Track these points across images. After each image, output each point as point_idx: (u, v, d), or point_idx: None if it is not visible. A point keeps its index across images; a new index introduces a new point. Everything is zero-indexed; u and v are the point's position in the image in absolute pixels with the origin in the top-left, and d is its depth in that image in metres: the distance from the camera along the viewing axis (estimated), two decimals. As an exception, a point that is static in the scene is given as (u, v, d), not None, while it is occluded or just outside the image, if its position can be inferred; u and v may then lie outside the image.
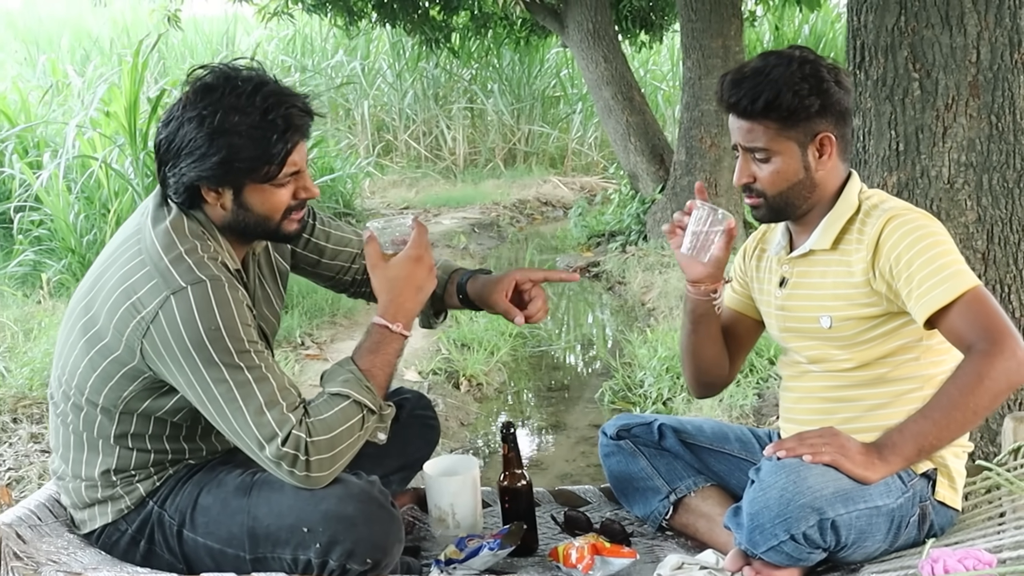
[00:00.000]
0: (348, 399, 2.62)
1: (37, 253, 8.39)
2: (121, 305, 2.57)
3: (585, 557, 2.81)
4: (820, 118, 2.75)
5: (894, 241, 2.68)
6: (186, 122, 2.56)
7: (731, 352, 3.18)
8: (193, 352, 2.50)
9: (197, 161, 2.55)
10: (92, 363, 2.65)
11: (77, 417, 2.73)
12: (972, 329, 2.57)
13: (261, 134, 2.54)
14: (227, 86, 2.56)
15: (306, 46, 18.50)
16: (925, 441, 2.58)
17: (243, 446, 2.56)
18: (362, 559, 2.54)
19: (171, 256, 2.56)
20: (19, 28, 20.57)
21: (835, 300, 2.81)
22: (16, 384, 5.77)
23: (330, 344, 7.47)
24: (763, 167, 2.79)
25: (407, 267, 2.76)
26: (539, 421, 6.58)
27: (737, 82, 2.76)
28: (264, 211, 2.65)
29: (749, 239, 3.19)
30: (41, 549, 2.73)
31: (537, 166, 17.42)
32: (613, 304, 9.46)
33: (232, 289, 2.56)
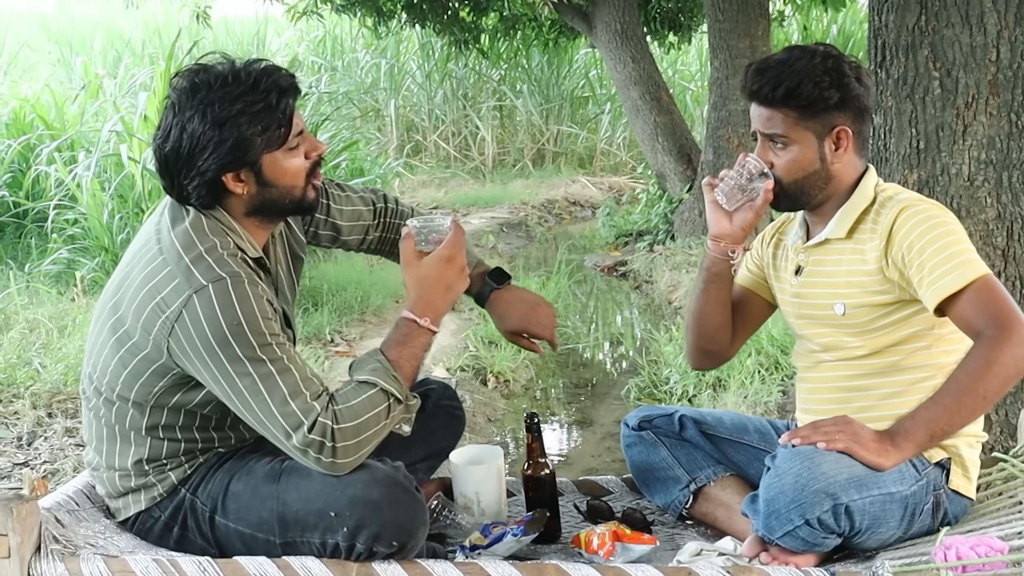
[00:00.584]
0: (375, 387, 2.68)
1: (71, 251, 8.47)
2: (147, 305, 2.64)
3: (606, 543, 2.87)
4: (838, 111, 2.83)
5: (907, 230, 2.75)
6: (187, 123, 2.63)
7: (736, 328, 3.23)
8: (217, 349, 2.57)
9: (213, 153, 2.63)
10: (123, 361, 2.72)
11: (109, 411, 2.81)
12: (981, 316, 2.63)
13: (261, 104, 2.63)
14: (209, 80, 2.65)
15: (336, 47, 18.59)
16: (936, 427, 2.64)
17: (271, 436, 2.63)
18: (388, 542, 2.61)
19: (191, 255, 2.63)
20: (52, 30, 20.74)
21: (849, 288, 2.88)
22: (51, 379, 5.86)
23: (359, 341, 7.54)
24: (780, 155, 2.87)
25: (438, 266, 2.81)
26: (566, 417, 6.64)
27: (761, 71, 2.85)
28: (286, 181, 2.73)
29: (768, 227, 3.26)
30: (79, 533, 2.82)
31: (566, 166, 17.46)
32: (640, 303, 9.51)
33: (252, 284, 2.63)
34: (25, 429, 5.35)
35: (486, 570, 2.58)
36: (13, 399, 5.67)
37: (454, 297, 2.86)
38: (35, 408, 5.57)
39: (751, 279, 3.25)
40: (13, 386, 5.80)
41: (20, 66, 17.60)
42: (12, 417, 5.49)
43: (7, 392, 5.75)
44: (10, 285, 7.42)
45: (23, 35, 20.03)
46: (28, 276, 7.99)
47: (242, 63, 2.69)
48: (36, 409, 5.57)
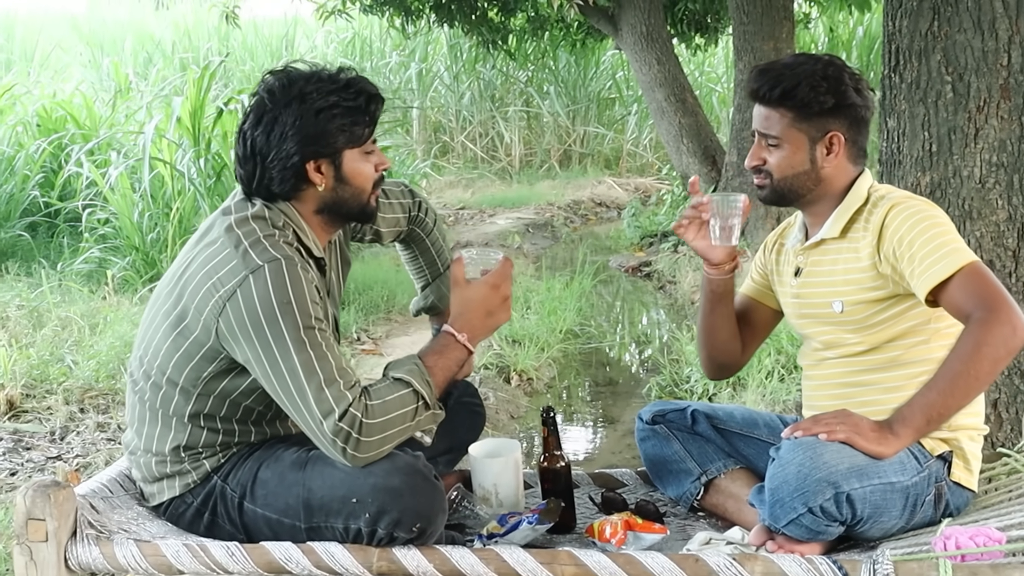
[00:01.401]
0: (409, 387, 2.79)
1: (102, 251, 8.58)
2: (203, 286, 2.77)
3: (618, 532, 2.95)
4: (833, 117, 2.95)
5: (896, 225, 2.86)
6: (282, 110, 2.80)
7: (746, 339, 3.35)
8: (265, 326, 2.68)
9: (302, 140, 2.80)
10: (175, 344, 2.85)
11: (155, 395, 2.92)
12: (970, 299, 2.72)
13: (352, 103, 2.82)
14: (305, 75, 2.85)
15: (364, 48, 18.67)
16: (933, 411, 2.72)
17: (301, 420, 2.72)
18: (408, 527, 2.71)
19: (250, 240, 2.78)
20: (83, 31, 20.90)
21: (845, 285, 2.97)
22: (83, 376, 5.97)
23: (385, 340, 7.62)
24: (773, 152, 3.00)
25: (483, 291, 2.94)
26: (587, 415, 6.72)
27: (763, 71, 2.99)
28: (359, 183, 2.90)
29: (770, 235, 3.36)
30: (112, 519, 2.93)
31: (592, 167, 17.47)
32: (663, 303, 9.57)
33: (304, 270, 2.76)
34: (58, 424, 5.46)
35: (501, 555, 2.68)
36: (46, 395, 5.79)
37: (493, 324, 2.98)
38: (67, 403, 5.69)
39: (756, 289, 3.37)
40: (46, 382, 5.91)
41: (52, 67, 17.77)
42: (45, 412, 5.60)
43: (40, 388, 5.86)
44: (43, 283, 7.54)
45: (55, 36, 20.22)
46: (60, 275, 8.10)
47: (334, 67, 2.90)
48: (68, 404, 5.68)
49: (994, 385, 4.00)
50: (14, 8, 21.86)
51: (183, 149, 8.89)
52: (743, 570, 2.57)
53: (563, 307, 8.15)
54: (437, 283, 3.50)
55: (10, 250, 9.06)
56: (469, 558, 2.70)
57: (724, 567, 2.58)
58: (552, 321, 7.80)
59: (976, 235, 4.00)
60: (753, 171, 3.08)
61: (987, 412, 4.01)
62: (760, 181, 3.07)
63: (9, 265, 8.55)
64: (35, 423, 5.48)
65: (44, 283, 7.53)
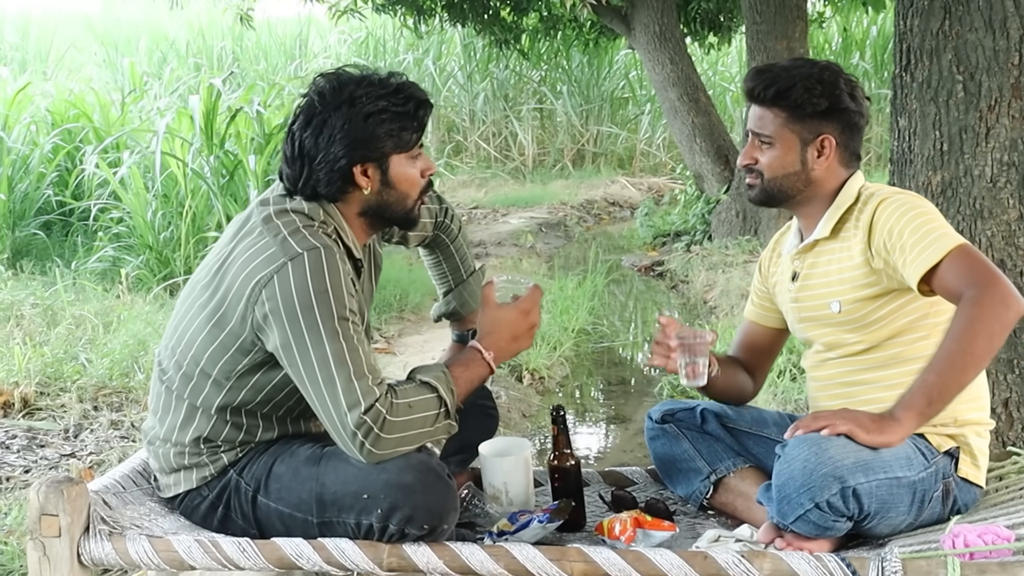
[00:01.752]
0: (435, 392, 2.82)
1: (116, 249, 8.62)
2: (240, 275, 2.79)
3: (628, 529, 2.96)
4: (825, 120, 2.99)
5: (885, 218, 2.89)
6: (332, 113, 2.82)
7: (756, 365, 3.43)
8: (299, 314, 2.70)
9: (351, 142, 2.82)
10: (211, 336, 2.87)
11: (184, 385, 2.94)
12: (960, 279, 2.74)
13: (401, 108, 2.84)
14: (355, 79, 2.87)
15: (378, 48, 18.72)
16: (933, 392, 2.72)
17: (324, 411, 2.73)
18: (419, 525, 2.73)
19: (290, 230, 2.80)
20: (98, 31, 20.97)
21: (841, 285, 3.00)
22: (97, 374, 5.98)
23: (398, 338, 7.65)
24: (765, 152, 3.04)
25: (513, 315, 3.00)
26: (599, 414, 6.74)
27: (760, 72, 3.05)
28: (404, 187, 2.93)
29: (765, 250, 3.41)
30: (125, 515, 2.95)
31: (605, 167, 17.50)
32: (675, 302, 9.58)
33: (342, 261, 2.78)
34: (72, 422, 5.48)
35: (511, 552, 2.70)
36: (60, 393, 5.81)
37: (517, 348, 3.04)
38: (81, 401, 5.70)
39: (758, 312, 3.41)
40: (60, 380, 5.93)
41: (67, 66, 17.83)
42: (59, 410, 5.63)
43: (54, 386, 5.88)
44: (57, 282, 7.57)
45: (69, 36, 20.28)
46: (75, 273, 8.13)
47: (384, 72, 2.92)
48: (82, 403, 5.70)
49: (1005, 384, 4.00)
50: (28, 8, 21.96)
51: (196, 148, 8.91)
52: (751, 567, 2.58)
53: (575, 306, 8.16)
54: (459, 289, 3.52)
55: (25, 249, 9.11)
56: (479, 554, 2.71)
57: (732, 564, 2.59)
58: (564, 320, 7.81)
59: (987, 234, 4.00)
60: (745, 170, 3.13)
61: (999, 411, 4.02)
62: (751, 180, 3.11)
63: (24, 264, 8.59)
64: (49, 421, 5.50)
65: (58, 282, 7.56)
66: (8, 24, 21.56)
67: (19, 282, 7.96)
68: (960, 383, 2.74)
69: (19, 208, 9.44)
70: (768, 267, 3.36)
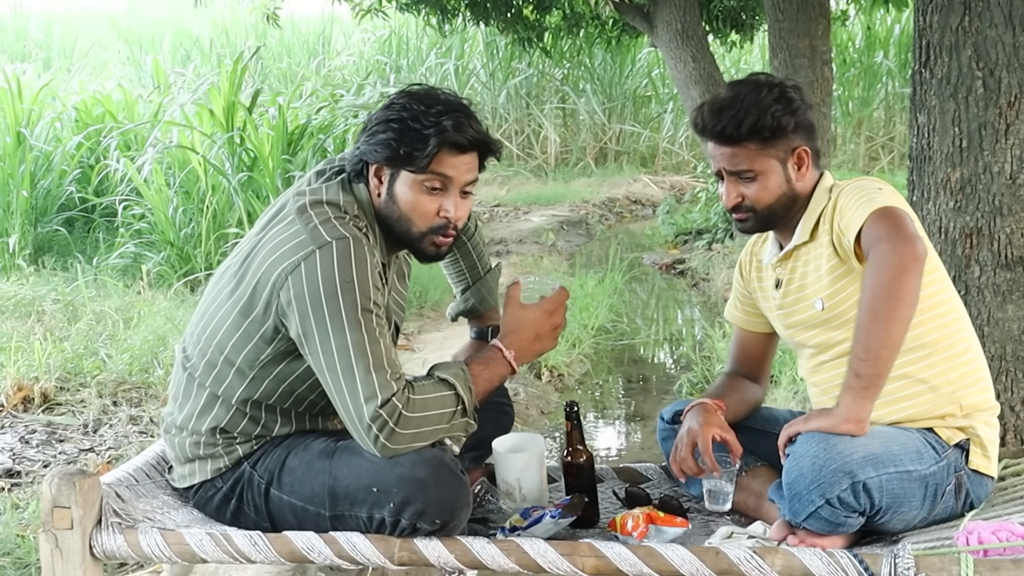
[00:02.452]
0: (452, 390, 2.82)
1: (138, 246, 8.67)
2: (267, 262, 2.80)
3: (640, 525, 2.96)
4: (794, 134, 2.99)
5: (840, 202, 2.90)
6: (389, 107, 2.87)
7: (758, 370, 3.44)
8: (324, 301, 2.70)
9: (372, 138, 2.86)
10: (236, 323, 2.87)
11: (208, 373, 2.95)
12: (873, 232, 2.73)
13: (428, 128, 2.82)
14: (428, 93, 2.90)
15: (401, 46, 18.74)
16: (869, 353, 2.69)
17: (341, 401, 2.73)
18: (431, 519, 2.73)
19: (321, 219, 2.80)
20: (122, 29, 21.06)
21: (819, 283, 3.00)
22: (117, 370, 6.02)
23: (417, 335, 7.65)
24: (750, 186, 3.01)
25: (536, 315, 2.99)
26: (618, 411, 6.73)
27: (717, 111, 2.99)
28: (406, 209, 2.89)
29: (743, 253, 3.40)
30: (138, 508, 2.96)
31: (628, 165, 17.49)
32: (696, 300, 9.57)
33: (370, 253, 2.78)
34: (91, 417, 5.51)
35: (522, 547, 2.70)
36: (80, 388, 5.84)
37: (540, 349, 3.03)
38: (101, 397, 5.74)
39: (745, 319, 3.41)
40: (80, 375, 5.97)
41: (91, 64, 17.92)
42: (79, 405, 5.66)
43: (74, 381, 5.92)
44: (78, 278, 7.61)
45: (93, 34, 20.37)
46: (96, 269, 8.18)
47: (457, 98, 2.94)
48: (102, 398, 5.73)
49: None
50: (52, 6, 22.05)
51: (216, 144, 8.93)
52: (763, 563, 2.57)
53: (595, 303, 8.16)
54: (477, 286, 3.51)
55: (47, 245, 9.16)
56: (490, 549, 2.71)
57: (744, 560, 2.58)
58: (584, 317, 7.81)
59: (1006, 231, 3.98)
60: (732, 210, 3.08)
61: (1016, 409, 4.00)
62: (742, 216, 3.07)
63: (46, 260, 8.64)
64: (68, 416, 5.54)
65: (79, 277, 7.61)
66: (33, 22, 21.68)
67: (40, 278, 8.02)
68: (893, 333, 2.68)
69: (41, 204, 9.50)
70: (749, 273, 3.35)
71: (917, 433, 2.86)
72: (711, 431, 3.07)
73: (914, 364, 2.90)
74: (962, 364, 2.94)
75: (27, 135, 9.65)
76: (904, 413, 2.91)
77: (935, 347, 2.90)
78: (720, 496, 3.15)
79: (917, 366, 2.89)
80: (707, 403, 3.20)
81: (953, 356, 2.92)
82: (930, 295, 2.88)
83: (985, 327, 4.03)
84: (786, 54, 9.67)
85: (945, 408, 2.90)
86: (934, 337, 2.89)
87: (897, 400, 2.90)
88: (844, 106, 16.90)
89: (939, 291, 2.94)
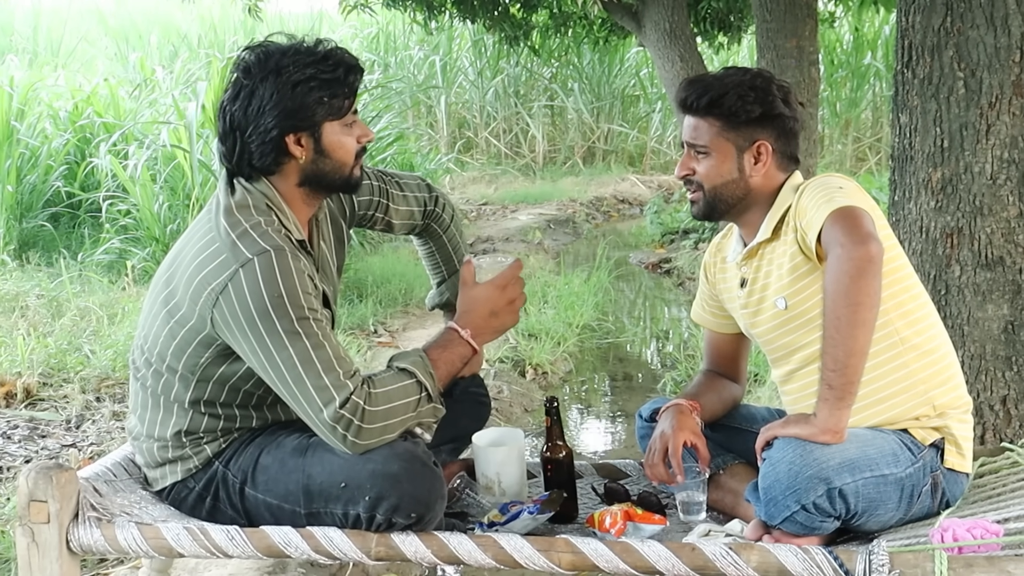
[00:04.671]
0: (413, 378, 2.82)
1: (123, 241, 8.66)
2: (195, 278, 2.78)
3: (618, 522, 2.96)
4: (759, 127, 3.00)
5: (801, 200, 2.90)
6: (259, 85, 2.80)
7: (733, 368, 3.45)
8: (257, 320, 2.69)
9: (281, 112, 2.80)
10: (172, 332, 2.87)
11: (156, 382, 2.95)
12: (830, 234, 2.73)
13: (330, 75, 2.82)
14: (282, 48, 2.85)
15: (389, 43, 18.73)
16: (838, 363, 2.68)
17: (301, 411, 2.74)
18: (406, 513, 2.73)
19: (237, 232, 2.78)
20: (109, 25, 21.01)
21: (779, 281, 3.00)
22: (100, 365, 6.02)
23: (402, 332, 7.66)
24: (701, 162, 3.03)
25: (488, 290, 3.00)
26: (602, 409, 6.73)
27: (693, 82, 3.04)
28: (339, 156, 2.90)
29: (706, 255, 3.41)
30: (115, 502, 2.96)
31: (616, 164, 17.52)
32: (682, 299, 9.58)
33: (295, 259, 2.76)
34: (74, 412, 5.51)
35: (499, 542, 2.70)
36: (63, 383, 5.84)
37: (498, 325, 3.04)
38: (84, 392, 5.74)
39: (714, 321, 3.42)
40: (63, 371, 5.97)
41: (78, 59, 17.86)
42: (62, 401, 5.65)
43: (57, 376, 5.92)
44: (63, 273, 7.60)
45: (80, 29, 20.31)
46: (81, 265, 8.18)
47: (311, 39, 2.89)
48: (85, 393, 5.73)
49: (1003, 381, 4.00)
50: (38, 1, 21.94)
51: (205, 140, 8.92)
52: (739, 559, 2.57)
53: (581, 302, 8.17)
54: (453, 279, 3.50)
55: (32, 240, 9.14)
56: (467, 544, 2.71)
57: (720, 556, 2.58)
58: (569, 315, 7.82)
59: (987, 231, 3.99)
60: (684, 182, 3.11)
61: (996, 408, 4.01)
62: (693, 195, 3.10)
63: (31, 255, 8.62)
64: (51, 411, 5.53)
65: (64, 273, 7.59)
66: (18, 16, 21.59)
67: (25, 273, 8.01)
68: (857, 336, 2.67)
69: (27, 200, 9.48)
70: (715, 274, 3.35)
71: (893, 435, 2.87)
72: (682, 436, 3.08)
73: (885, 365, 2.89)
74: (932, 363, 2.93)
75: (18, 127, 9.62)
76: (879, 417, 2.91)
77: (904, 346, 2.90)
78: (692, 507, 3.15)
79: (888, 367, 2.89)
80: (682, 404, 3.21)
81: (923, 354, 2.92)
82: (896, 293, 2.89)
83: (965, 326, 4.03)
84: (773, 54, 9.67)
85: (919, 409, 2.90)
86: (903, 335, 2.89)
87: (871, 404, 2.90)
88: (832, 107, 16.94)
89: (906, 288, 2.94)
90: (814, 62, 9.22)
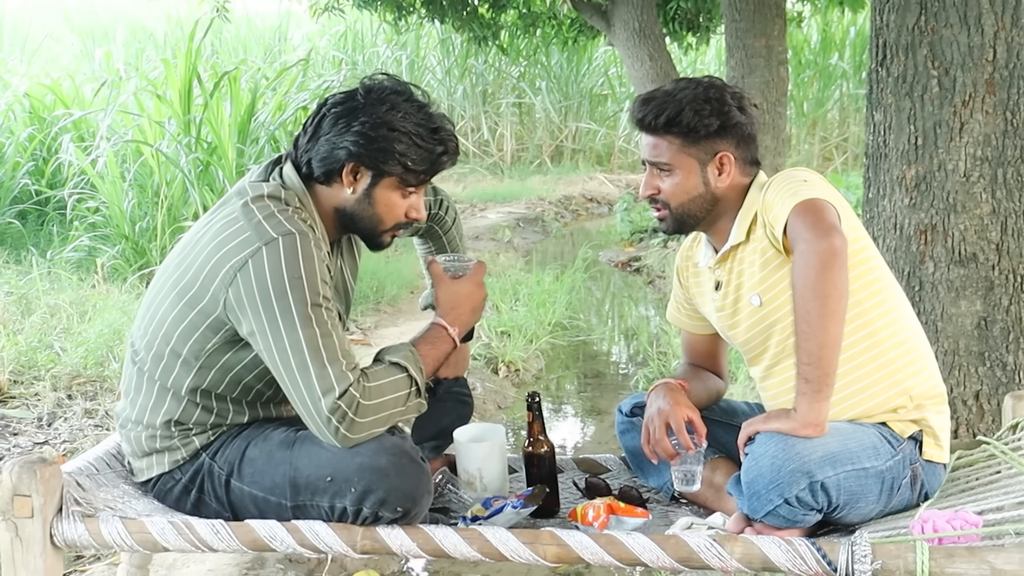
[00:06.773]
0: (405, 372, 2.84)
1: (92, 239, 8.60)
2: (213, 257, 2.78)
3: (601, 516, 2.97)
4: (719, 138, 3.00)
5: (766, 196, 2.91)
6: (367, 107, 2.84)
7: (714, 366, 3.45)
8: (273, 299, 2.70)
9: (363, 140, 2.83)
10: (180, 314, 2.86)
11: (156, 366, 2.94)
12: (794, 228, 2.74)
13: (428, 146, 2.87)
14: (406, 94, 2.89)
15: (357, 42, 18.72)
16: (812, 356, 2.70)
17: (297, 396, 2.73)
18: (393, 507, 2.74)
19: (264, 214, 2.79)
20: (75, 22, 20.89)
21: (753, 278, 3.01)
22: (71, 363, 5.99)
23: (374, 330, 7.66)
24: (666, 180, 3.03)
25: (470, 287, 3.05)
26: (575, 406, 6.75)
27: (646, 100, 3.02)
28: (381, 212, 2.93)
29: (677, 258, 3.41)
30: (99, 496, 2.95)
31: (584, 163, 17.58)
32: (652, 297, 9.62)
33: (317, 247, 2.77)
34: (45, 410, 5.48)
35: (484, 535, 2.71)
36: (34, 381, 5.81)
37: (477, 319, 3.10)
38: (55, 390, 5.71)
39: (689, 323, 3.43)
40: (34, 368, 5.93)
41: (43, 57, 17.76)
42: (33, 399, 5.63)
43: (28, 374, 5.88)
44: (32, 271, 7.55)
45: (46, 26, 20.18)
46: (50, 263, 8.12)
47: (436, 106, 2.94)
48: (56, 391, 5.70)
49: (976, 377, 4.04)
50: (2, -1, 21.81)
51: (170, 131, 8.88)
52: (723, 551, 2.59)
53: (552, 300, 8.19)
54: None
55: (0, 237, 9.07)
56: (452, 537, 2.72)
57: (704, 547, 2.60)
58: (541, 314, 7.84)
59: (960, 228, 4.03)
60: (649, 201, 3.11)
61: (969, 403, 4.06)
62: (660, 213, 3.10)
63: (-2, 252, 8.57)
64: (23, 409, 5.50)
65: (34, 271, 7.54)
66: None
67: (-7, 271, 7.95)
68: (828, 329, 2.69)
69: (-7, 197, 9.42)
70: (687, 279, 3.36)
71: (873, 428, 2.89)
72: (682, 411, 3.07)
73: (861, 356, 2.91)
74: (906, 352, 2.95)
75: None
76: (857, 409, 2.93)
77: (877, 336, 2.91)
78: (691, 477, 3.12)
79: (864, 357, 2.91)
80: (671, 382, 3.21)
81: (897, 344, 2.94)
82: (867, 284, 2.91)
83: (939, 322, 4.07)
84: (742, 54, 9.73)
85: (896, 400, 2.92)
86: (877, 326, 2.91)
87: (849, 396, 2.92)
88: (799, 107, 17.05)
89: (876, 279, 2.95)
90: (783, 61, 9.28)
